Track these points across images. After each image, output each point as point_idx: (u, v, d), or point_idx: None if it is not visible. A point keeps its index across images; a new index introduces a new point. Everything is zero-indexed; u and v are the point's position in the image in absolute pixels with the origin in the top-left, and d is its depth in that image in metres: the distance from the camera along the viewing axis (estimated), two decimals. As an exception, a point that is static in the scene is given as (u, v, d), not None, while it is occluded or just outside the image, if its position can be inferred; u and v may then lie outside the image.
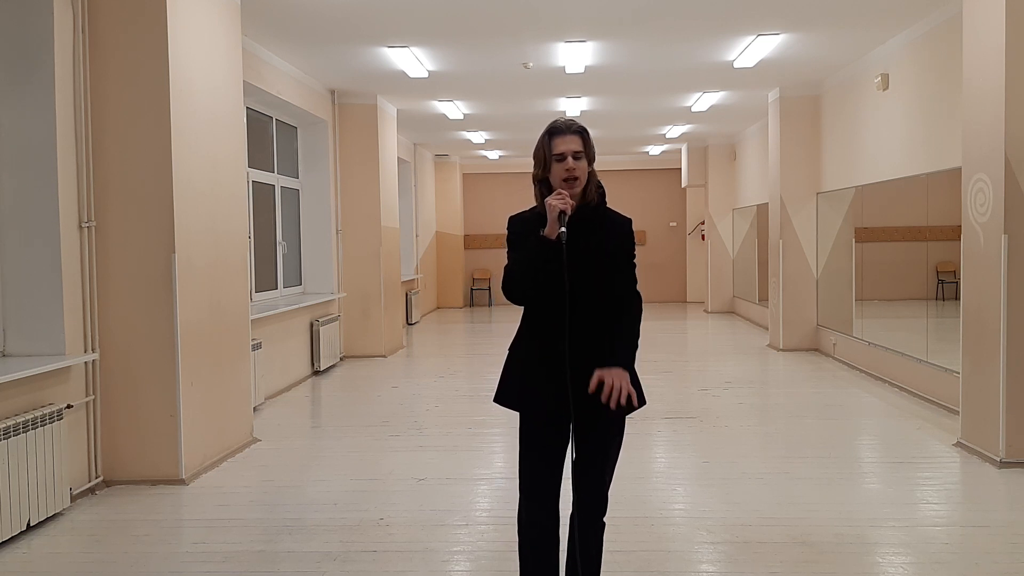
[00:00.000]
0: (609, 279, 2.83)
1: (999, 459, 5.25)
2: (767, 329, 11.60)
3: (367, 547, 4.10)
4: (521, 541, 2.95)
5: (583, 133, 2.84)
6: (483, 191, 19.05)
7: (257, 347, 7.19)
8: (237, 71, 6.16)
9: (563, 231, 2.69)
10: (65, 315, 4.80)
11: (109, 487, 5.15)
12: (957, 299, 6.00)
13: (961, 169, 5.74)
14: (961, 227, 5.72)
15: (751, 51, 8.30)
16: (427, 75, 9.14)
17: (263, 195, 8.84)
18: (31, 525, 4.33)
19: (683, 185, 17.17)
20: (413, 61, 8.51)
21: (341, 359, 10.30)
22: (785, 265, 10.53)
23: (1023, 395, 5.23)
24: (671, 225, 19.09)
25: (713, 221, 16.33)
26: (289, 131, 9.81)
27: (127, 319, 5.15)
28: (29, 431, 4.31)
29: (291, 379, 8.66)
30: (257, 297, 8.58)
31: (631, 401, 2.79)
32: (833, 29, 7.63)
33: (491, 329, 14.88)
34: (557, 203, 2.71)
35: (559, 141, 2.82)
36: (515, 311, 2.96)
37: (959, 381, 5.85)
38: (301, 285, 10.08)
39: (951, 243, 6.65)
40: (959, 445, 5.74)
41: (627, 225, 2.91)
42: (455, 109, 11.61)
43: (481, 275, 19.18)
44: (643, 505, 4.65)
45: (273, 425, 6.88)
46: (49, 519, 4.51)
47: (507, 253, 2.88)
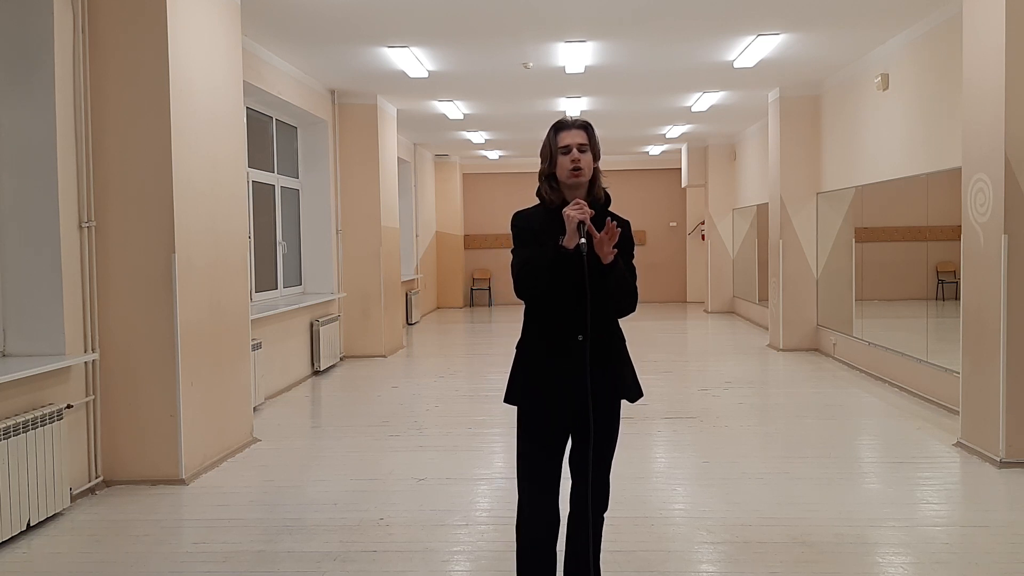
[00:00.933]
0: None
1: (999, 459, 5.25)
2: (767, 329, 11.60)
3: (367, 547, 4.10)
4: (521, 539, 2.95)
5: (587, 128, 2.91)
6: (483, 191, 19.05)
7: (257, 347, 7.19)
8: (237, 71, 6.16)
9: (583, 242, 2.69)
10: (65, 315, 4.80)
11: (109, 487, 5.15)
12: (957, 299, 6.00)
13: (961, 169, 5.74)
14: (961, 227, 5.72)
15: (751, 51, 8.30)
16: (427, 75, 9.15)
17: (263, 195, 8.84)
18: (31, 525, 4.33)
19: (683, 185, 17.17)
20: (413, 61, 8.51)
21: (341, 359, 10.30)
22: (785, 265, 10.53)
23: (1023, 395, 5.23)
24: (671, 225, 19.08)
25: (713, 221, 16.33)
26: (289, 131, 9.81)
27: (127, 319, 5.15)
28: (29, 431, 4.31)
29: (291, 379, 8.66)
30: (257, 297, 8.58)
31: (633, 388, 2.95)
32: (833, 29, 7.63)
33: (491, 329, 14.88)
34: (576, 214, 2.71)
35: (564, 135, 2.88)
36: (516, 311, 2.96)
37: (959, 381, 5.85)
38: (301, 285, 10.09)
39: (951, 243, 6.66)
40: (959, 445, 5.74)
41: (627, 227, 2.96)
42: (455, 109, 11.61)
43: (481, 275, 19.18)
44: (643, 505, 4.65)
45: (273, 425, 6.88)
46: (49, 519, 4.51)
47: (512, 250, 2.90)
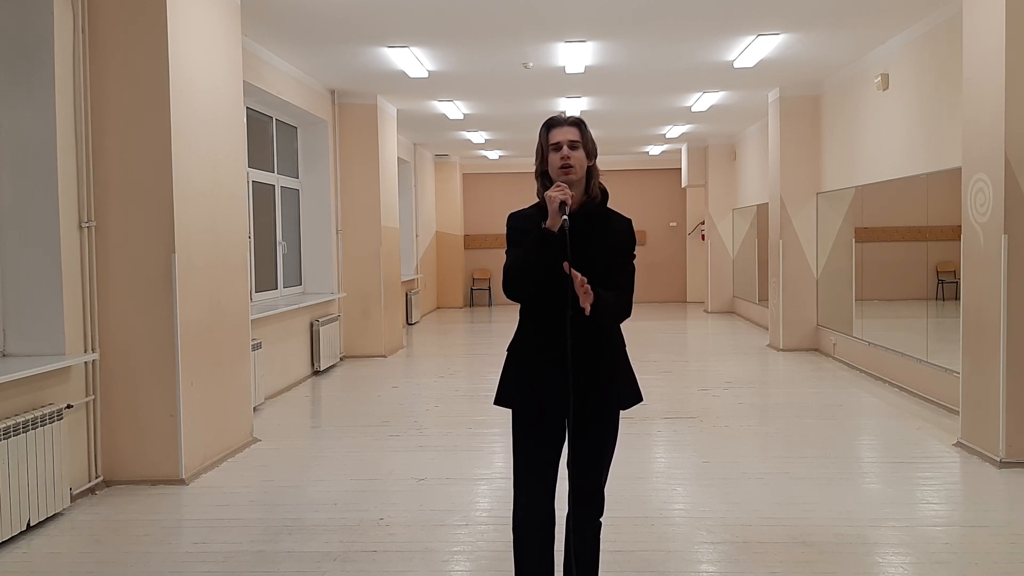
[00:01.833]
0: (609, 276, 2.82)
1: (999, 459, 5.25)
2: (767, 329, 11.60)
3: (367, 547, 4.10)
4: (516, 541, 2.94)
5: (580, 124, 2.86)
6: (483, 191, 19.04)
7: (257, 347, 7.19)
8: (237, 71, 6.16)
9: (565, 219, 2.68)
10: (65, 315, 4.80)
11: (109, 487, 5.15)
12: (957, 299, 6.00)
13: (961, 169, 5.74)
14: (961, 227, 5.72)
15: (751, 51, 8.30)
16: (427, 75, 9.15)
17: (263, 195, 8.84)
18: (31, 525, 4.33)
19: (683, 185, 17.17)
20: (413, 61, 8.51)
21: (341, 359, 10.30)
22: (785, 265, 10.53)
23: (1023, 395, 5.23)
24: (671, 225, 19.08)
25: (713, 221, 16.33)
26: (289, 131, 9.81)
27: (127, 319, 5.15)
28: (29, 431, 4.31)
29: (291, 379, 8.66)
30: (257, 297, 8.58)
31: (628, 396, 2.90)
32: (833, 29, 7.63)
33: (491, 329, 14.88)
34: (557, 194, 2.70)
35: (556, 132, 2.84)
36: (516, 311, 2.96)
37: (959, 381, 5.85)
38: (301, 285, 10.09)
39: (951, 243, 6.66)
40: (959, 445, 5.74)
41: (628, 225, 2.91)
42: (455, 109, 11.61)
43: (481, 275, 19.18)
44: (643, 505, 4.65)
45: (273, 425, 6.88)
46: (49, 519, 4.51)
47: (506, 251, 2.87)
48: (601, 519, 2.95)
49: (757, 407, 7.49)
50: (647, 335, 12.74)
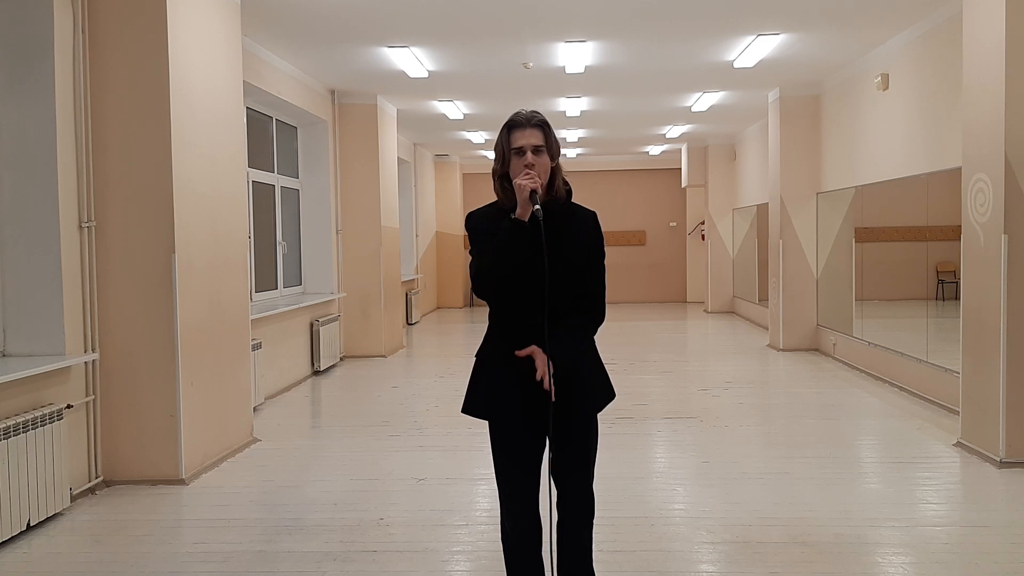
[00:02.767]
0: (580, 274, 2.74)
1: (999, 459, 5.25)
2: (767, 329, 11.60)
3: (367, 547, 4.10)
4: (505, 549, 2.91)
5: (544, 127, 2.71)
6: (483, 191, 18.95)
7: (257, 347, 7.19)
8: (237, 71, 6.16)
9: (537, 208, 2.58)
10: (65, 315, 4.80)
11: (109, 487, 5.15)
12: (957, 299, 6.00)
13: (961, 169, 5.74)
14: (961, 227, 5.72)
15: (751, 51, 8.30)
16: (427, 75, 9.15)
17: (263, 195, 8.84)
18: (31, 525, 4.33)
19: (683, 185, 17.17)
20: (413, 61, 8.51)
21: (341, 359, 10.30)
22: (785, 265, 10.53)
23: (1023, 395, 5.23)
24: (671, 225, 19.09)
25: (713, 221, 16.33)
26: (289, 131, 9.81)
27: (127, 319, 5.15)
28: (29, 431, 4.31)
29: (291, 379, 8.66)
30: (257, 297, 8.58)
31: (602, 397, 2.83)
32: (833, 29, 7.63)
33: (491, 329, 14.86)
34: (527, 183, 2.59)
35: (518, 135, 2.70)
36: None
37: (959, 381, 5.84)
38: (301, 285, 10.09)
39: (951, 243, 6.66)
40: (959, 445, 5.74)
41: (593, 217, 2.81)
42: (455, 109, 11.61)
43: (481, 275, 19.16)
44: (643, 505, 4.65)
45: (273, 425, 6.88)
46: (49, 519, 4.51)
47: (470, 251, 2.75)
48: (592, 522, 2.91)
49: (757, 407, 7.49)
50: (647, 335, 12.74)
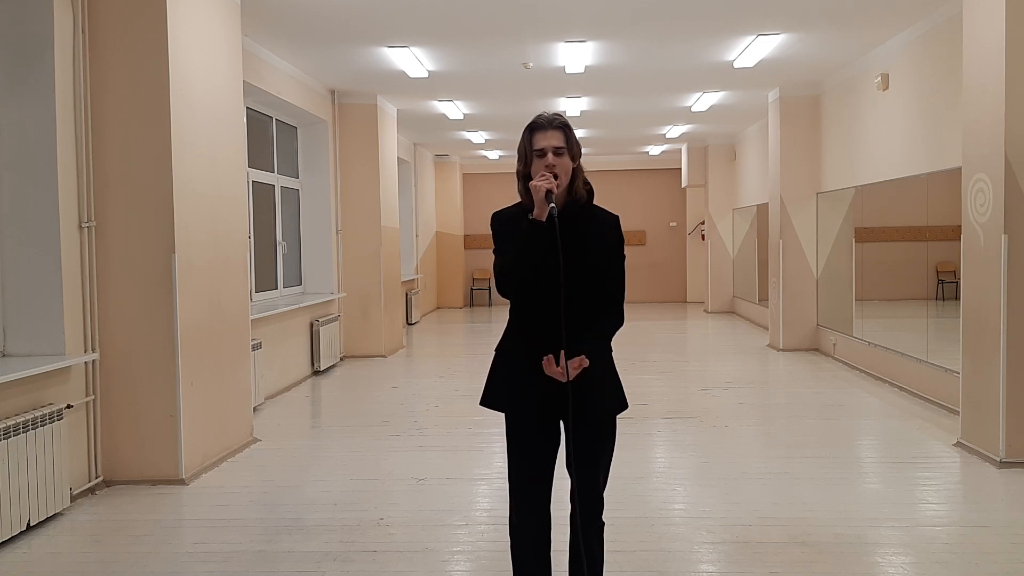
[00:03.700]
0: (599, 276, 2.78)
1: (999, 459, 5.25)
2: (767, 329, 11.60)
3: (367, 547, 4.10)
4: (513, 545, 2.92)
5: (565, 128, 2.77)
6: (483, 191, 19.04)
7: (257, 347, 7.19)
8: (237, 71, 6.16)
9: (553, 207, 2.63)
10: (65, 315, 4.80)
11: (109, 487, 5.15)
12: (957, 299, 6.00)
13: (961, 169, 5.74)
14: (961, 227, 5.72)
15: (751, 51, 8.30)
16: (427, 75, 9.15)
17: (263, 195, 8.84)
18: (31, 525, 4.33)
19: (683, 185, 17.17)
20: (413, 61, 8.51)
21: (341, 359, 10.30)
22: (785, 265, 10.53)
23: (1023, 395, 5.23)
24: (671, 225, 19.09)
25: (713, 221, 16.33)
26: (289, 131, 9.81)
27: (127, 319, 5.15)
28: (29, 431, 4.31)
29: (291, 379, 8.66)
30: (257, 297, 8.58)
31: (616, 402, 2.85)
32: (833, 29, 7.63)
33: (491, 329, 14.87)
34: (543, 183, 2.65)
35: (540, 136, 2.76)
36: (514, 311, 2.94)
37: (959, 381, 5.85)
38: (301, 285, 10.09)
39: (951, 243, 6.66)
40: (959, 445, 5.74)
41: (615, 221, 2.86)
42: (455, 109, 11.61)
43: (481, 275, 19.18)
44: (643, 505, 4.65)
45: (273, 425, 6.88)
46: (49, 519, 4.51)
47: (494, 250, 2.82)
48: (603, 520, 2.93)
49: (757, 407, 7.49)
50: (647, 335, 12.74)
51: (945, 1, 6.72)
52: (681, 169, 17.48)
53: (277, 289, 9.26)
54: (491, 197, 18.86)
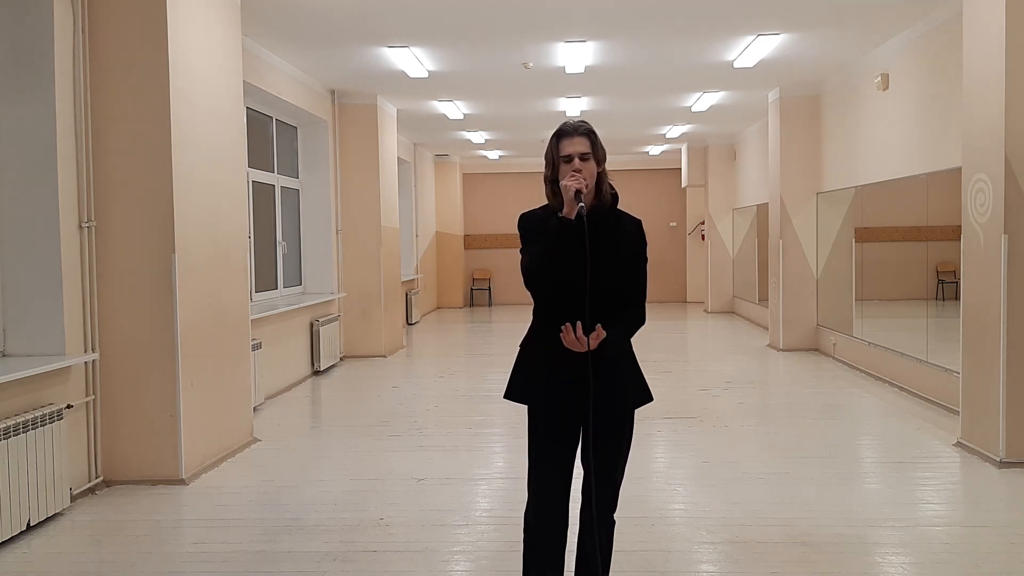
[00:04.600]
0: (624, 278, 2.85)
1: (999, 459, 5.26)
2: (767, 329, 11.60)
3: (367, 547, 4.10)
4: (527, 543, 2.93)
5: (591, 135, 2.87)
6: (483, 191, 19.04)
7: (257, 347, 7.19)
8: (237, 71, 6.16)
9: (582, 206, 2.71)
10: (65, 315, 4.80)
11: (109, 487, 5.15)
12: (957, 299, 6.00)
13: (961, 169, 5.74)
14: (961, 227, 5.72)
15: (751, 51, 8.30)
16: (427, 75, 9.15)
17: (263, 195, 8.84)
18: (31, 525, 4.33)
19: (683, 185, 17.18)
20: (413, 61, 8.51)
21: (341, 359, 10.30)
22: (785, 265, 10.53)
23: (1023, 395, 5.23)
24: (671, 225, 19.09)
25: (713, 221, 16.33)
26: (289, 131, 9.81)
27: (127, 319, 5.15)
28: (29, 431, 4.31)
29: (291, 379, 8.66)
30: (257, 297, 8.58)
31: (640, 395, 2.92)
32: (833, 29, 7.63)
33: (491, 329, 14.87)
34: (572, 183, 2.73)
35: (566, 143, 2.84)
36: (516, 311, 2.96)
37: (959, 381, 5.85)
38: (301, 285, 10.09)
39: (951, 243, 6.66)
40: (959, 445, 5.74)
41: (638, 226, 2.95)
42: (455, 109, 11.61)
43: (481, 275, 19.18)
44: (643, 505, 4.65)
45: (273, 425, 6.88)
46: (49, 519, 4.51)
47: (520, 250, 2.89)
48: (614, 518, 2.96)
49: (757, 407, 7.49)
50: (647, 335, 12.64)
51: (945, 1, 6.72)
52: (681, 169, 17.49)
53: (277, 289, 9.26)
54: (491, 197, 18.90)
